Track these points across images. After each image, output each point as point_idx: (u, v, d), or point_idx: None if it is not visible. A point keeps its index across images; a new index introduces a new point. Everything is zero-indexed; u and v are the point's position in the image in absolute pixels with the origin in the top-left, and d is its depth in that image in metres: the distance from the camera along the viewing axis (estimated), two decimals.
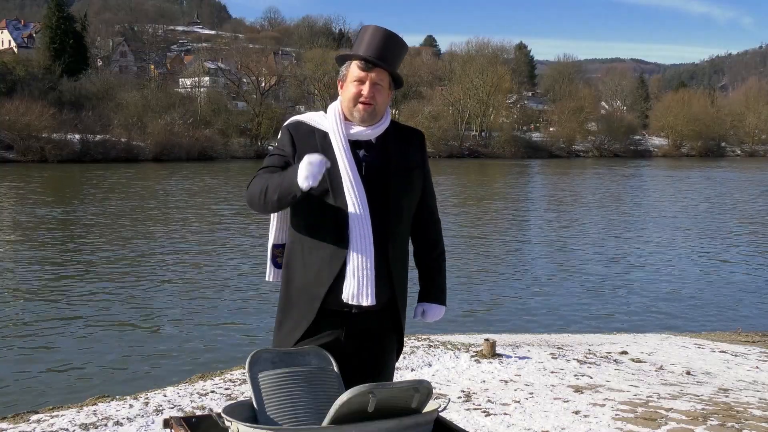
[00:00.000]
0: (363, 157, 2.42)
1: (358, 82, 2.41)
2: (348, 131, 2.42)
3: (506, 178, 42.01)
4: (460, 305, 10.58)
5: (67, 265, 13.12)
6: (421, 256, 2.60)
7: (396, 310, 2.46)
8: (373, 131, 2.44)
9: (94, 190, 28.15)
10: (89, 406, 4.53)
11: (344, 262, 2.35)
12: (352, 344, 2.41)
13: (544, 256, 15.11)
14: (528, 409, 4.47)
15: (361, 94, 2.40)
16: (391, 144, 2.46)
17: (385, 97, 2.44)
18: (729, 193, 32.53)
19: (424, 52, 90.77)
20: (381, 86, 2.42)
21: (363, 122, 2.42)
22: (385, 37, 2.43)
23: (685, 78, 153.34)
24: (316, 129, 2.46)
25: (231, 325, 9.33)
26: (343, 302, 2.36)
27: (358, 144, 2.44)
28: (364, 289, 2.33)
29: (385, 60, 2.41)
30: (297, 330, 2.43)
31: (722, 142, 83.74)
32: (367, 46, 2.42)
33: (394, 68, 2.45)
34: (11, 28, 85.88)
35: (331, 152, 2.38)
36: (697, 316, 10.37)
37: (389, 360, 2.50)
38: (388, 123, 2.49)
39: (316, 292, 2.39)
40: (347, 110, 2.44)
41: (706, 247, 16.78)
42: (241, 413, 2.19)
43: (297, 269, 2.45)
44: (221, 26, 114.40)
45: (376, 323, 2.44)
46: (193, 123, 53.13)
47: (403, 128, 2.58)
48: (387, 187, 2.40)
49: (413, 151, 2.51)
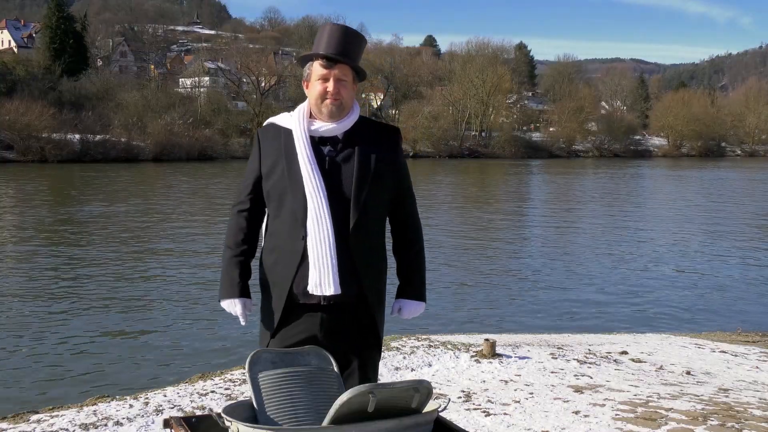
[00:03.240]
0: (328, 153, 2.47)
1: (323, 79, 2.46)
2: (310, 127, 2.48)
3: (506, 178, 42.01)
4: (461, 305, 10.58)
5: (67, 265, 13.12)
6: (398, 254, 2.63)
7: (367, 306, 2.47)
8: (339, 126, 2.48)
9: (94, 191, 28.14)
10: (89, 406, 4.53)
11: (304, 254, 2.40)
12: (329, 341, 2.44)
13: (544, 256, 15.11)
14: (528, 409, 4.47)
15: (326, 91, 2.45)
16: (358, 139, 2.49)
17: (350, 92, 2.48)
18: (729, 193, 32.53)
19: (424, 52, 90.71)
20: (345, 81, 2.47)
21: (331, 118, 2.47)
22: (344, 34, 2.48)
23: (685, 78, 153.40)
24: (282, 129, 2.53)
25: (231, 325, 9.33)
26: (311, 294, 2.40)
27: (324, 140, 2.48)
28: (326, 278, 2.37)
29: (347, 55, 2.46)
30: (271, 326, 2.50)
31: (722, 142, 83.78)
32: (327, 43, 2.46)
33: (356, 62, 2.49)
34: (11, 28, 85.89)
35: (293, 149, 2.45)
36: (697, 316, 10.37)
37: (368, 357, 2.51)
38: (357, 117, 2.52)
39: (282, 286, 2.45)
40: (315, 108, 2.50)
41: (706, 246, 16.77)
42: (241, 413, 2.19)
43: (267, 265, 2.52)
44: (221, 26, 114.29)
45: (349, 318, 2.46)
46: (193, 123, 53.14)
47: (377, 125, 2.61)
48: (350, 182, 2.43)
49: (385, 148, 2.52)
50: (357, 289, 2.43)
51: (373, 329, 2.51)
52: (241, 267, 2.54)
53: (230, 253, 2.55)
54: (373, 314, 2.49)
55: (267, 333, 2.52)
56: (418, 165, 52.56)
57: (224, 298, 2.55)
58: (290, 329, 2.46)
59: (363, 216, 2.42)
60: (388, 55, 76.94)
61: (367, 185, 2.44)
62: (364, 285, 2.45)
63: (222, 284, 2.56)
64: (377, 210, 2.49)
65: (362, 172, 2.44)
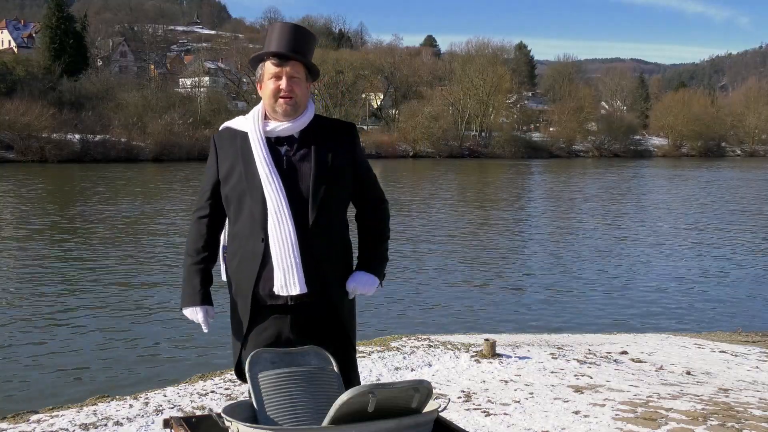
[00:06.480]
0: (284, 153, 2.46)
1: (275, 78, 2.45)
2: (266, 128, 2.47)
3: (506, 178, 42.00)
4: (461, 305, 10.58)
5: (67, 265, 13.12)
6: (360, 239, 2.61)
7: (335, 302, 2.46)
8: (294, 125, 2.47)
9: (94, 191, 28.14)
10: (89, 406, 4.53)
11: (265, 256, 2.39)
12: (298, 339, 2.43)
13: (544, 256, 15.11)
14: (528, 409, 4.47)
15: (279, 89, 2.44)
16: (314, 138, 2.48)
17: (303, 90, 2.48)
18: (729, 193, 32.53)
19: (424, 52, 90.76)
20: (298, 78, 2.46)
21: (287, 117, 2.46)
22: (294, 31, 2.48)
23: (685, 78, 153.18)
24: (237, 132, 2.52)
25: (231, 325, 9.31)
26: (276, 295, 2.39)
27: (281, 140, 2.48)
28: (291, 278, 2.36)
29: (298, 52, 2.45)
30: (241, 329, 2.49)
31: (722, 142, 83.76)
32: (278, 42, 2.45)
33: (308, 59, 2.48)
34: (11, 28, 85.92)
35: (249, 151, 2.44)
36: (697, 316, 10.37)
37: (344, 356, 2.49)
38: (311, 116, 2.52)
39: (246, 288, 2.45)
40: (269, 108, 2.48)
41: (706, 246, 16.77)
42: (241, 413, 2.19)
43: (231, 268, 2.52)
44: (221, 26, 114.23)
45: (319, 317, 2.45)
46: (193, 123, 53.11)
47: (333, 122, 2.60)
48: (308, 181, 2.42)
49: (341, 144, 2.51)
50: (322, 286, 2.42)
51: (343, 325, 2.50)
52: (202, 274, 2.54)
53: (190, 261, 2.55)
54: (341, 310, 2.48)
55: (237, 339, 2.52)
56: (418, 165, 52.59)
57: (186, 306, 2.55)
58: (260, 333, 2.45)
59: (323, 214, 2.41)
60: (388, 55, 76.97)
61: (325, 183, 2.43)
62: (330, 282, 2.44)
63: (183, 292, 2.56)
64: (337, 207, 2.48)
65: (319, 170, 2.43)
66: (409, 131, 62.12)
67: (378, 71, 72.68)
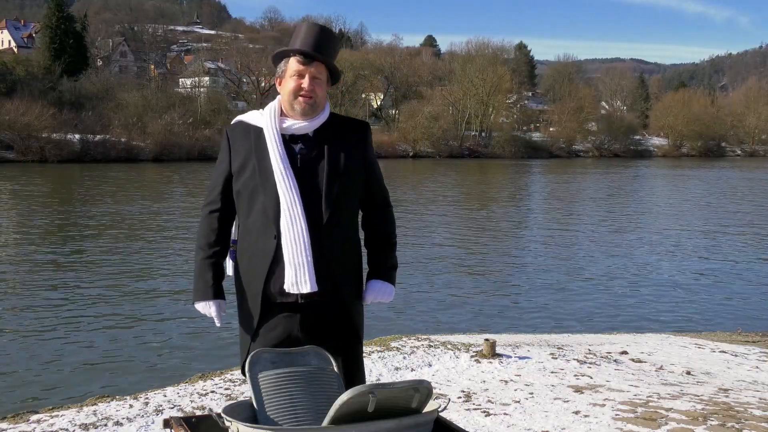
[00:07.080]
0: (299, 151, 2.46)
1: (298, 75, 2.45)
2: (282, 125, 2.47)
3: (506, 178, 42.00)
4: (461, 305, 10.58)
5: (67, 265, 13.12)
6: (369, 243, 2.62)
7: (344, 301, 2.46)
8: (310, 124, 2.47)
9: (94, 190, 28.14)
10: (89, 406, 4.53)
11: (277, 253, 2.39)
12: (310, 340, 2.43)
13: (544, 256, 15.11)
14: (528, 409, 4.47)
15: (301, 88, 2.45)
16: (328, 136, 2.49)
17: (323, 91, 2.49)
18: (729, 193, 32.53)
19: (424, 52, 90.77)
20: (320, 80, 2.47)
21: (304, 116, 2.46)
22: (322, 32, 2.49)
23: (685, 78, 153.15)
24: (252, 127, 2.52)
25: (231, 325, 9.32)
26: (287, 293, 2.39)
27: (295, 138, 2.48)
28: (302, 276, 2.36)
29: (323, 53, 2.46)
30: (250, 326, 2.49)
31: (722, 142, 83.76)
32: (305, 40, 2.46)
33: (332, 61, 2.50)
34: (11, 28, 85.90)
35: (264, 147, 2.44)
36: (697, 316, 10.37)
37: (351, 354, 2.50)
38: (327, 116, 2.52)
39: (256, 286, 2.44)
40: (287, 105, 2.48)
41: (707, 246, 16.77)
42: (241, 413, 2.19)
43: (242, 265, 2.51)
44: (221, 26, 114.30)
45: (328, 315, 2.45)
46: (193, 123, 53.10)
47: (347, 120, 2.61)
48: (321, 179, 2.42)
49: (354, 142, 2.52)
50: (333, 285, 2.43)
51: (353, 325, 2.50)
52: (214, 268, 2.54)
53: (202, 255, 2.54)
54: (350, 309, 2.48)
55: (247, 336, 2.51)
56: (418, 165, 52.57)
57: (198, 301, 2.55)
58: (270, 330, 2.45)
59: (335, 213, 2.42)
60: (388, 55, 76.97)
61: (338, 182, 2.43)
62: (340, 281, 2.44)
63: (195, 286, 2.56)
64: (349, 206, 2.48)
65: (333, 169, 2.43)
66: (409, 131, 62.11)
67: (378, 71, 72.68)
